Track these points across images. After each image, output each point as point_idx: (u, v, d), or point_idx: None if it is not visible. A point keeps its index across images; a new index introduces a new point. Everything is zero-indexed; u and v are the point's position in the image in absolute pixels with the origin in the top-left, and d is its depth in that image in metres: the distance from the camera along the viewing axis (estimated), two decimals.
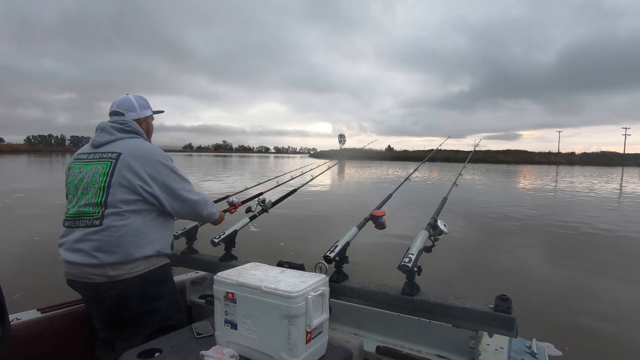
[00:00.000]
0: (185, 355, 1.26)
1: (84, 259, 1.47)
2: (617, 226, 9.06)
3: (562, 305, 4.24)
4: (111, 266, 1.48)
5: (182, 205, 1.64)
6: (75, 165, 1.62)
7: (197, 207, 1.70)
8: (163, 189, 1.57)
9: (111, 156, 1.56)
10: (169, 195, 1.59)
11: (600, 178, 29.74)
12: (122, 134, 1.63)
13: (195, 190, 1.70)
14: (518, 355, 1.47)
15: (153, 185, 1.55)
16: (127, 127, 1.65)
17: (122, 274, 1.49)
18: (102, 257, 1.46)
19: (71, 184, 1.60)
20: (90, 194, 1.52)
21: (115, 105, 1.72)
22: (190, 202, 1.66)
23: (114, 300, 1.51)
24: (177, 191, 1.61)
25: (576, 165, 76.04)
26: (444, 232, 1.52)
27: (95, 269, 1.48)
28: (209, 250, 2.04)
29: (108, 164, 1.54)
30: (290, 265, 1.50)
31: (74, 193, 1.57)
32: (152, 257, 1.57)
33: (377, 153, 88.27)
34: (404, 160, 76.62)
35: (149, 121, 1.81)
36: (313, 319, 1.21)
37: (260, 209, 2.13)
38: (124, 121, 1.66)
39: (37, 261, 5.28)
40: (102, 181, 1.52)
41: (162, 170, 1.58)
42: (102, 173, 1.53)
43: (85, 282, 1.50)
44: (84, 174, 1.56)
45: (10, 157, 67.66)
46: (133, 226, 1.51)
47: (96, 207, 1.50)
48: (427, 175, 26.42)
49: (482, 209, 11.43)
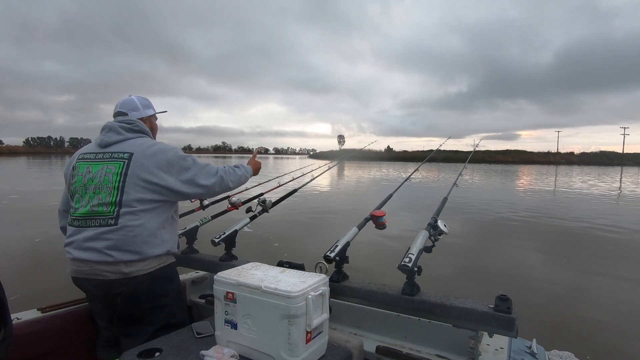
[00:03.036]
0: (186, 355, 1.26)
1: (97, 256, 1.49)
2: (617, 226, 9.06)
3: (563, 306, 4.25)
4: (125, 263, 1.50)
5: (204, 190, 1.68)
6: (82, 164, 1.61)
7: (217, 188, 1.73)
8: (182, 181, 1.60)
9: (123, 156, 1.56)
10: (187, 185, 1.61)
11: (599, 178, 29.74)
12: (130, 134, 1.63)
13: (212, 169, 1.71)
14: (518, 355, 1.47)
15: (169, 180, 1.57)
16: (134, 126, 1.66)
17: (135, 270, 1.52)
18: (117, 255, 1.49)
19: (78, 183, 1.59)
20: (103, 194, 1.52)
21: (119, 106, 1.74)
22: (207, 186, 1.68)
23: (126, 296, 1.53)
24: (194, 180, 1.63)
25: (575, 165, 76.06)
26: (444, 232, 1.52)
27: (109, 266, 1.49)
28: (209, 250, 2.04)
29: (121, 164, 1.55)
30: (290, 265, 1.50)
31: (82, 192, 1.57)
32: (162, 255, 1.61)
33: (376, 154, 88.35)
34: (404, 161, 76.65)
35: (152, 120, 1.82)
36: (313, 318, 1.21)
37: (261, 209, 2.13)
38: (131, 121, 1.67)
39: (37, 261, 5.28)
40: (115, 181, 1.52)
41: (174, 164, 1.60)
42: (115, 173, 1.53)
43: (97, 279, 1.51)
44: (94, 174, 1.56)
45: (9, 159, 67.61)
46: (147, 226, 1.54)
47: (111, 207, 1.51)
48: (427, 175, 26.42)
49: (483, 209, 11.43)
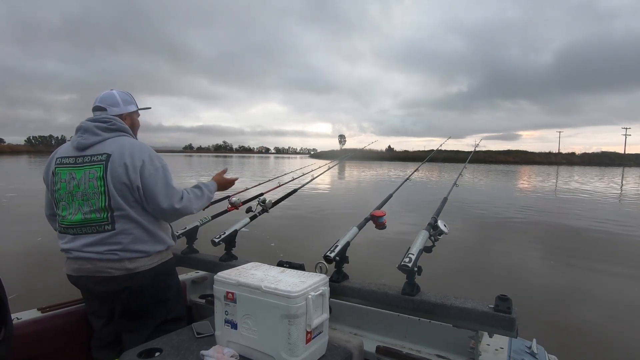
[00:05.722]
0: (186, 355, 1.26)
1: (101, 256, 1.50)
2: (618, 226, 9.05)
3: (563, 306, 4.24)
4: (129, 260, 1.52)
5: (159, 210, 1.54)
6: (63, 170, 1.55)
7: (176, 214, 1.59)
8: (144, 184, 1.51)
9: (101, 158, 1.51)
10: (149, 191, 1.51)
11: (600, 178, 29.71)
12: (107, 133, 1.56)
13: (178, 193, 1.57)
14: (518, 355, 1.46)
15: (139, 180, 1.50)
16: (111, 125, 1.58)
17: (139, 266, 1.53)
18: (121, 254, 1.51)
19: (63, 190, 1.54)
20: (93, 200, 1.49)
21: (98, 100, 1.65)
22: (171, 210, 1.55)
23: (131, 291, 1.54)
24: (158, 194, 1.51)
25: (576, 165, 75.99)
26: (445, 232, 1.52)
27: (114, 263, 1.50)
28: (209, 250, 2.04)
29: (101, 166, 1.50)
30: (290, 265, 1.50)
31: (68, 200, 1.53)
32: (163, 251, 1.64)
33: (377, 153, 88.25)
34: (405, 161, 76.59)
35: (133, 117, 1.74)
36: (313, 318, 1.21)
37: (261, 209, 2.13)
38: (107, 119, 1.59)
39: (39, 259, 5.29)
40: (100, 185, 1.49)
41: (148, 166, 1.52)
42: (98, 177, 1.49)
43: (101, 276, 1.51)
44: (78, 180, 1.51)
45: (11, 157, 67.66)
46: (144, 225, 1.54)
47: (103, 212, 1.50)
48: (427, 175, 26.40)
49: (483, 209, 11.42)
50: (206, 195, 1.73)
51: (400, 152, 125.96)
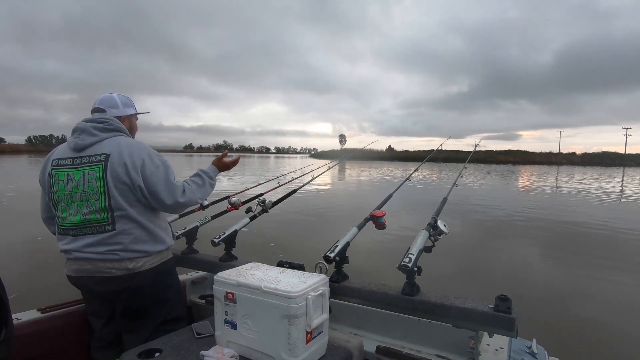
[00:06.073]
0: (185, 355, 1.26)
1: (101, 256, 1.50)
2: (618, 226, 9.04)
3: (563, 306, 4.24)
4: (130, 260, 1.52)
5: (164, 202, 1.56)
6: (61, 172, 1.54)
7: (182, 207, 1.65)
8: (147, 182, 1.52)
9: (100, 158, 1.50)
10: (151, 190, 1.53)
11: (601, 178, 29.69)
12: (104, 134, 1.56)
13: (179, 188, 1.59)
14: (518, 355, 1.46)
15: (141, 179, 1.51)
16: (108, 125, 1.58)
17: (139, 266, 1.54)
18: (122, 254, 1.51)
19: (61, 192, 1.53)
20: (92, 201, 1.49)
21: (98, 102, 1.67)
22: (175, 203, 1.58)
23: (132, 291, 1.54)
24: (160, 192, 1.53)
25: (577, 165, 75.98)
26: (444, 232, 1.52)
27: (115, 263, 1.51)
28: (209, 250, 2.04)
29: (100, 167, 1.49)
30: (290, 265, 1.50)
31: (67, 201, 1.53)
32: (163, 251, 1.64)
33: (377, 153, 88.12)
34: (405, 161, 76.57)
35: (132, 120, 1.75)
36: (313, 319, 1.21)
37: (261, 209, 2.13)
38: (104, 119, 1.59)
39: (39, 259, 5.28)
40: (100, 186, 1.48)
41: (148, 165, 1.53)
42: (97, 177, 1.49)
43: (102, 276, 1.51)
44: (77, 182, 1.51)
45: (11, 157, 67.66)
46: (144, 225, 1.54)
47: (103, 213, 1.49)
48: (427, 175, 26.39)
49: (483, 209, 11.41)
50: (207, 182, 1.73)
51: (401, 152, 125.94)
